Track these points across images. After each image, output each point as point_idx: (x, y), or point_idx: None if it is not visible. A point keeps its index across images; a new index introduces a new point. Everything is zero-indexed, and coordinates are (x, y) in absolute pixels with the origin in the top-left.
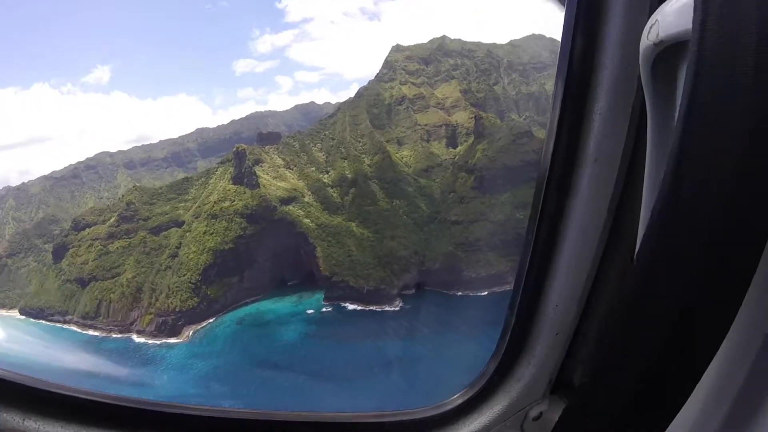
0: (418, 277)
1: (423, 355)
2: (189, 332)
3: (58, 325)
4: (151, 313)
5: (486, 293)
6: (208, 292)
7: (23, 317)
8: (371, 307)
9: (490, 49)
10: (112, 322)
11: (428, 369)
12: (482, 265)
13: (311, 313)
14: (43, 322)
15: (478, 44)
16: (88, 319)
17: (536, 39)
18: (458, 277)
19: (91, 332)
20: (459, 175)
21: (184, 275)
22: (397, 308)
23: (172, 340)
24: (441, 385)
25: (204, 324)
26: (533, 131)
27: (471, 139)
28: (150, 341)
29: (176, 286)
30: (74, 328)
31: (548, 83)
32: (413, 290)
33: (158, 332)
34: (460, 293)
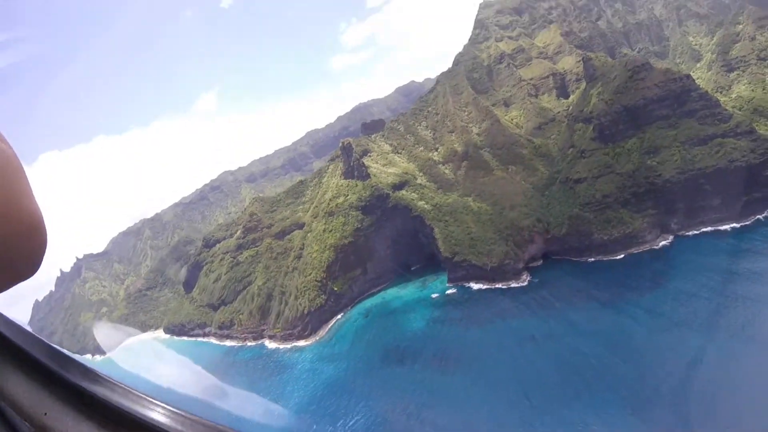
0: (544, 247)
1: (559, 333)
2: (318, 333)
3: (200, 339)
4: (281, 318)
5: (622, 256)
6: (334, 288)
7: (168, 336)
8: (497, 285)
9: None
10: (246, 330)
11: (570, 350)
12: (614, 225)
13: (436, 297)
14: (185, 338)
15: None
16: (224, 329)
17: None
18: (589, 242)
19: (228, 343)
20: (576, 126)
21: (309, 274)
22: (524, 283)
23: (302, 343)
24: (590, 369)
25: (332, 322)
26: (651, 63)
27: (583, 85)
28: (281, 346)
29: (303, 287)
30: (213, 340)
31: (656, 7)
32: (540, 261)
33: (289, 336)
34: (592, 259)
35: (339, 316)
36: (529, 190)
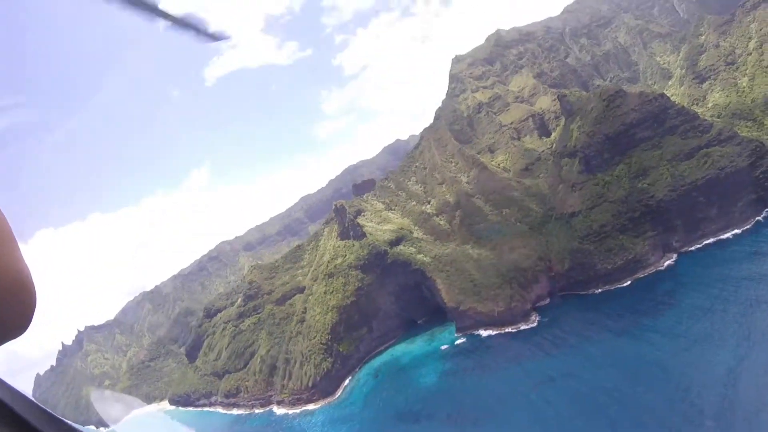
0: (549, 285)
1: (577, 369)
2: (327, 397)
3: (206, 408)
4: (287, 386)
5: (629, 282)
6: (341, 349)
7: (173, 407)
8: (507, 329)
9: (547, 24)
10: (253, 396)
11: (589, 384)
12: (616, 253)
13: (445, 349)
14: (191, 408)
15: (534, 24)
16: (230, 398)
17: None
18: (593, 273)
19: (235, 411)
20: (562, 162)
21: (314, 338)
22: (534, 324)
23: (311, 407)
24: (615, 403)
25: (342, 385)
26: (624, 89)
27: (562, 121)
28: (290, 411)
29: (309, 351)
30: (220, 409)
31: (619, 35)
32: (548, 300)
33: (298, 400)
34: (599, 290)
35: (348, 380)
36: (526, 231)
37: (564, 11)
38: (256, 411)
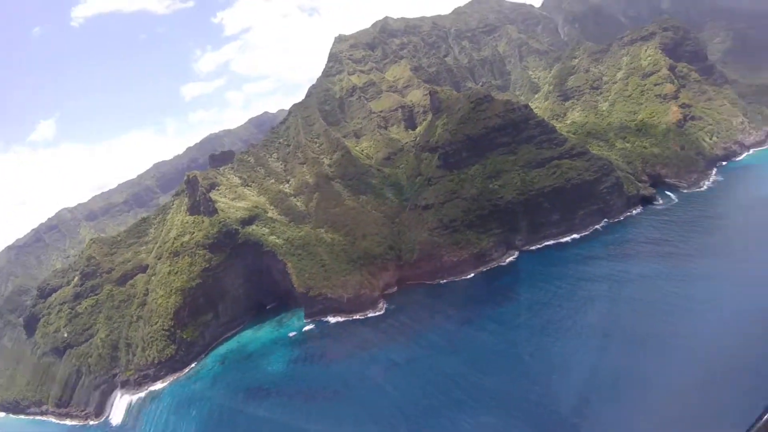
0: (398, 273)
1: (421, 355)
2: (168, 381)
3: (38, 417)
4: (133, 361)
5: (472, 275)
6: (184, 336)
7: (3, 414)
8: (355, 316)
9: (436, 21)
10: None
11: (432, 369)
12: (463, 246)
13: (293, 336)
14: (23, 416)
15: (423, 18)
16: (62, 407)
17: (480, 2)
18: (440, 264)
19: (68, 422)
20: (422, 156)
21: (156, 323)
22: (381, 311)
23: (158, 385)
24: (455, 387)
25: (186, 371)
26: (493, 95)
27: (429, 117)
28: (134, 397)
29: (150, 337)
30: (52, 419)
31: (500, 45)
32: (395, 288)
33: (144, 378)
34: (444, 281)
35: (193, 365)
36: (380, 219)
37: (454, 11)
38: (91, 423)
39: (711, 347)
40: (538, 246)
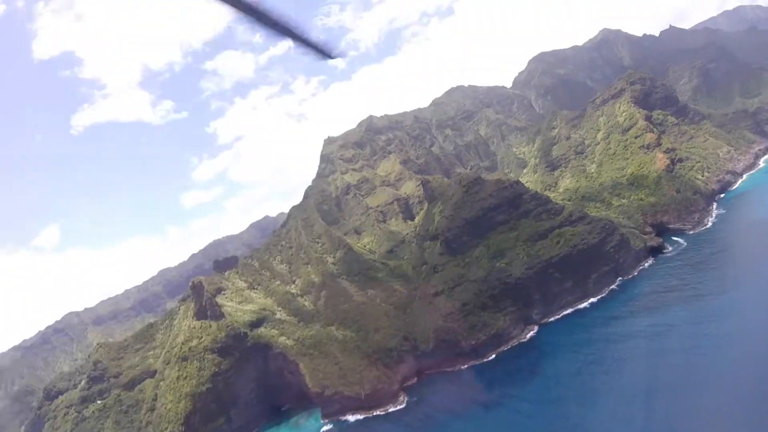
0: (416, 364)
1: None
2: None
3: None
4: None
5: (494, 356)
6: None
7: None
8: (375, 412)
9: (417, 114)
10: None
11: None
12: (479, 329)
13: None
14: None
15: (404, 114)
16: None
17: (455, 91)
18: (458, 350)
19: None
20: (425, 245)
21: (165, 429)
22: (403, 405)
23: None
24: None
25: None
26: (482, 176)
27: (425, 206)
28: None
29: None
30: None
31: (480, 128)
32: (415, 379)
33: None
34: (465, 366)
35: None
36: (390, 311)
37: (432, 103)
38: None
39: (754, 379)
40: (557, 317)
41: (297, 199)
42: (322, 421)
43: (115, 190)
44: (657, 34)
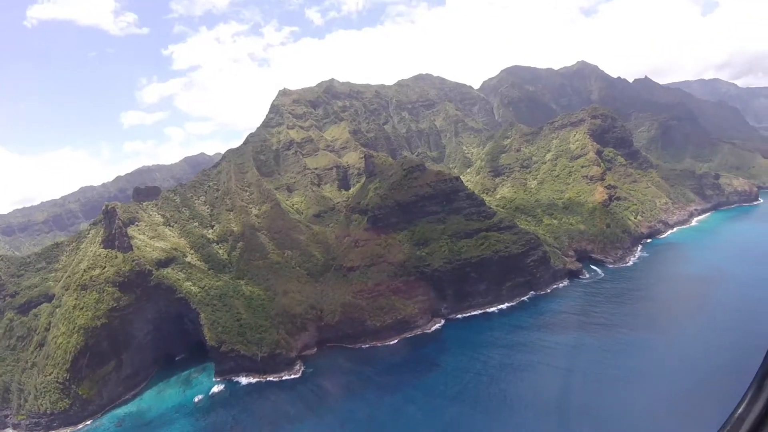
0: (318, 335)
1: (335, 428)
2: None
3: None
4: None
5: (396, 341)
6: (80, 392)
7: None
8: (269, 377)
9: (379, 90)
10: None
11: None
12: (387, 312)
13: (199, 401)
14: None
15: (367, 86)
16: None
17: (423, 78)
18: (362, 328)
19: None
20: (353, 217)
21: (50, 374)
22: (298, 374)
23: None
24: None
25: (80, 426)
26: (426, 165)
27: (363, 179)
28: None
29: (44, 387)
30: None
31: (437, 119)
32: (315, 349)
33: (35, 425)
34: (366, 345)
35: (88, 422)
36: (303, 276)
37: (397, 83)
38: None
39: (629, 416)
40: (464, 315)
41: (238, 143)
42: (214, 380)
43: (52, 93)
44: (630, 81)
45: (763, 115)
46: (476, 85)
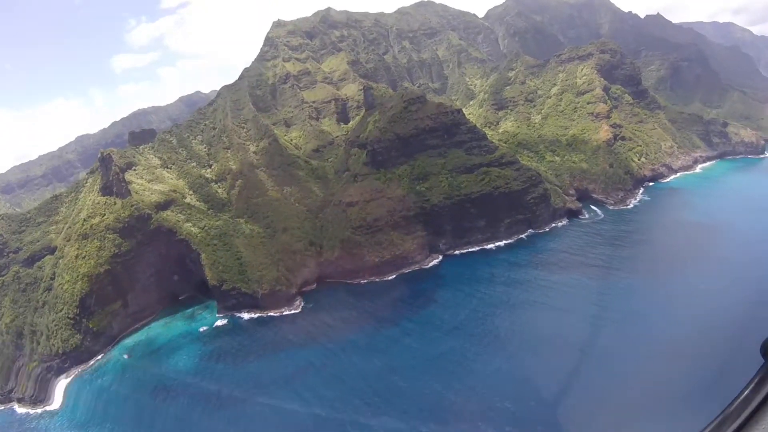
0: (317, 270)
1: (338, 355)
2: (71, 378)
3: None
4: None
5: (394, 276)
6: (91, 326)
7: None
8: (270, 313)
9: (378, 18)
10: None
11: (348, 370)
12: (385, 247)
13: (204, 331)
14: None
15: (366, 14)
16: None
17: (425, 5)
18: (361, 264)
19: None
20: (352, 151)
21: (61, 310)
22: (298, 309)
23: (51, 408)
24: (370, 387)
25: (92, 362)
26: (427, 97)
27: (362, 112)
28: (32, 411)
29: (55, 325)
30: None
31: (440, 49)
32: (315, 285)
33: (38, 398)
34: (365, 281)
35: (99, 357)
36: (303, 213)
37: (398, 11)
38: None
39: (614, 359)
40: (462, 251)
41: (233, 79)
42: (217, 315)
43: (39, 44)
44: (642, 17)
45: None
46: (481, 13)
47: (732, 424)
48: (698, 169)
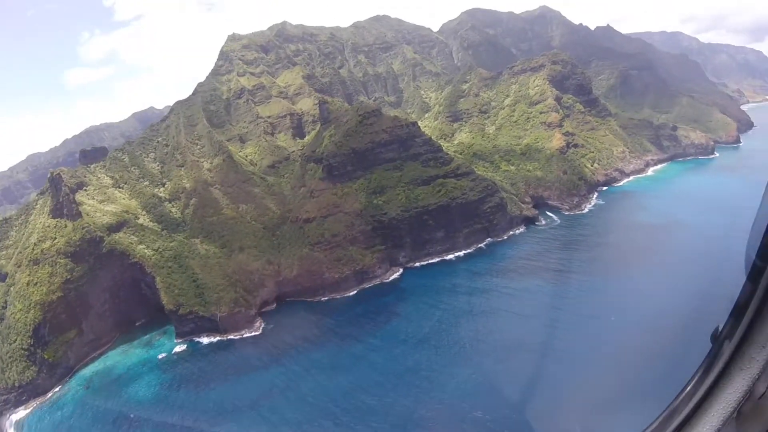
0: (276, 289)
1: (301, 376)
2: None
3: None
4: None
5: (355, 292)
6: (45, 356)
7: None
8: (230, 336)
9: (334, 32)
10: None
11: (314, 390)
12: (345, 263)
13: (163, 358)
14: None
15: (321, 28)
16: None
17: (380, 20)
18: (321, 281)
19: None
20: (308, 167)
21: (14, 341)
22: (258, 331)
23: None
24: (336, 406)
25: (49, 395)
26: (383, 110)
27: (318, 127)
28: None
29: (9, 357)
30: None
31: (395, 63)
32: (274, 305)
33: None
34: (326, 298)
35: (57, 389)
36: (259, 231)
37: (353, 25)
38: None
39: (576, 359)
40: (423, 263)
41: (188, 94)
42: (175, 341)
43: None
44: (592, 28)
45: (722, 71)
46: (435, 28)
47: (685, 407)
48: (650, 171)
